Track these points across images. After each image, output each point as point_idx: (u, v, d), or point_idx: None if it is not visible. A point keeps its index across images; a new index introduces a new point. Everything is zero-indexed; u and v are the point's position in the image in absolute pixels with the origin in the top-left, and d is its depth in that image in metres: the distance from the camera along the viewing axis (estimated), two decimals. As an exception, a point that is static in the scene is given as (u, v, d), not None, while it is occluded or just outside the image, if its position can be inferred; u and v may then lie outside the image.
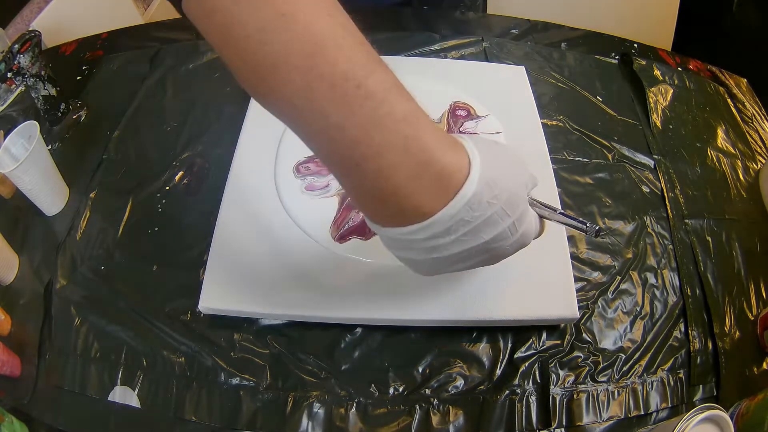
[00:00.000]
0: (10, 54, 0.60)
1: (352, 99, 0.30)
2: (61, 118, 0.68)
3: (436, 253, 0.35)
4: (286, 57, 0.30)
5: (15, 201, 0.60)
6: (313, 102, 0.30)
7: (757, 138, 0.72)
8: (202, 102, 0.69)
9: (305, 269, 0.51)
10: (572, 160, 0.64)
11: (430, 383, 0.48)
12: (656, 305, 0.54)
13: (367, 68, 0.31)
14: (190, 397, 0.47)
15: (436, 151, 0.32)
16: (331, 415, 0.47)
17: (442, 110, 0.64)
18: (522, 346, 0.50)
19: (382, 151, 0.31)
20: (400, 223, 0.34)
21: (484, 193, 0.33)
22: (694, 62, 0.81)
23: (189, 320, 0.51)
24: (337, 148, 0.31)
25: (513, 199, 0.35)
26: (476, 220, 0.34)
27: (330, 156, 0.33)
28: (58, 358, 0.50)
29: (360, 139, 0.31)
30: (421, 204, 0.33)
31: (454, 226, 0.34)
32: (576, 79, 0.73)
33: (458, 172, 0.33)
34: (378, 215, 0.35)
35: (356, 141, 0.31)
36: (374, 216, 0.36)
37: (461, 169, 0.33)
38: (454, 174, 0.33)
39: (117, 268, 0.55)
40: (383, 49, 0.73)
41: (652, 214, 0.60)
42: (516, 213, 0.36)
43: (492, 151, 0.35)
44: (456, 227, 0.34)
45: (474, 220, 0.34)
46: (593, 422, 0.47)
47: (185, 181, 0.61)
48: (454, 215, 0.33)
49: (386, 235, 0.36)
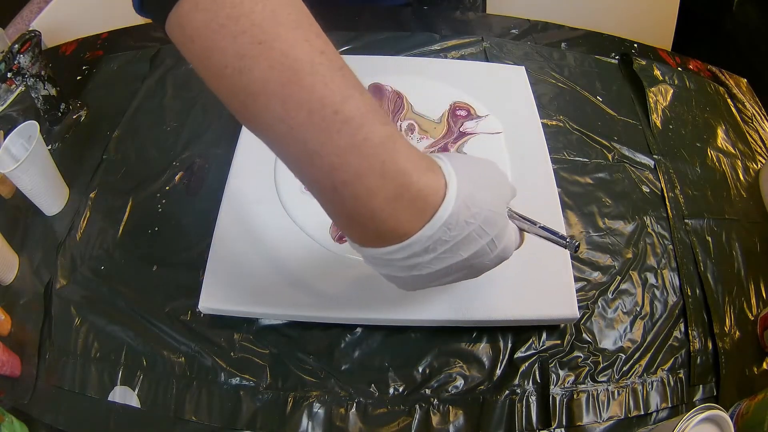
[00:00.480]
0: (10, 54, 0.60)
1: (329, 125, 0.30)
2: (61, 118, 0.68)
3: (416, 270, 0.36)
4: (264, 85, 0.30)
5: (15, 201, 0.60)
6: (293, 128, 0.31)
7: (757, 138, 0.72)
8: (202, 102, 0.69)
9: (305, 269, 0.51)
10: (572, 160, 0.64)
11: (430, 383, 0.48)
12: (656, 305, 0.54)
13: (345, 93, 0.31)
14: (190, 397, 0.47)
15: (412, 175, 0.32)
16: (331, 415, 0.47)
17: (442, 110, 0.64)
18: (522, 346, 0.50)
19: (359, 176, 0.31)
20: (379, 244, 0.34)
21: (461, 213, 0.34)
22: (694, 62, 0.81)
23: (189, 320, 0.51)
24: (316, 173, 0.32)
25: (491, 217, 0.35)
26: (454, 239, 0.34)
27: (309, 180, 0.33)
28: (58, 358, 0.50)
29: (337, 164, 0.31)
30: (398, 226, 0.33)
31: (432, 245, 0.34)
32: (576, 79, 0.73)
33: (434, 194, 0.33)
34: (357, 237, 0.36)
35: (334, 166, 0.31)
36: (353, 237, 0.36)
37: (438, 191, 0.33)
38: (431, 196, 0.33)
39: (117, 268, 0.55)
40: (383, 49, 0.74)
41: (652, 214, 0.60)
42: (494, 230, 0.36)
43: (470, 170, 0.35)
44: (434, 246, 0.34)
45: (452, 240, 0.34)
46: (593, 422, 0.47)
47: (185, 181, 0.61)
48: (432, 236, 0.33)
49: (366, 255, 0.37)
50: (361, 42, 0.76)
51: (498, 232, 0.36)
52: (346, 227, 0.35)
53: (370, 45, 0.76)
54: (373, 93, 0.66)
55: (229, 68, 0.30)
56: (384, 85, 0.66)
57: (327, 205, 0.35)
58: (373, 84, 0.66)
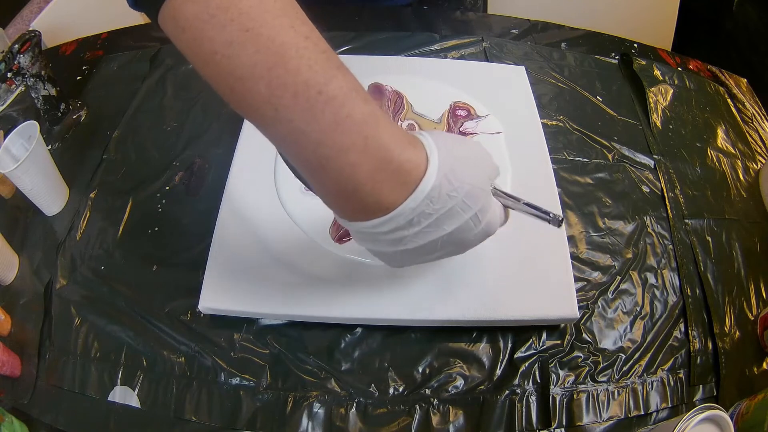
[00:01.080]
0: (10, 54, 0.60)
1: (314, 104, 0.32)
2: (61, 118, 0.68)
3: (401, 245, 0.37)
4: (252, 69, 0.32)
5: (15, 201, 0.60)
6: (278, 109, 0.32)
7: (757, 138, 0.72)
8: (202, 102, 0.69)
9: (305, 269, 0.51)
10: (572, 160, 0.64)
11: (430, 383, 0.48)
12: (656, 305, 0.54)
13: (328, 74, 0.32)
14: (190, 397, 0.47)
15: (394, 149, 0.34)
16: (331, 415, 0.47)
17: (442, 110, 0.64)
18: (522, 346, 0.50)
19: (342, 151, 0.33)
20: (364, 218, 0.36)
21: (443, 186, 0.35)
22: (694, 62, 0.81)
23: (189, 320, 0.51)
24: (302, 150, 0.33)
25: (473, 191, 0.36)
26: (437, 213, 0.35)
27: (296, 158, 0.35)
28: (58, 358, 0.50)
29: (322, 141, 0.32)
30: (381, 199, 0.34)
31: (416, 218, 0.35)
32: (576, 79, 0.73)
33: (416, 168, 0.34)
34: (344, 211, 0.37)
35: (319, 143, 0.32)
36: (340, 211, 0.37)
37: (419, 165, 0.35)
38: (413, 170, 0.34)
39: (117, 268, 0.55)
40: (383, 49, 0.74)
41: (652, 214, 0.60)
42: (477, 204, 0.37)
43: (452, 146, 0.37)
44: (418, 220, 0.35)
45: (435, 213, 0.35)
46: (593, 422, 0.47)
47: (185, 181, 0.61)
48: (415, 208, 0.35)
49: (353, 229, 0.38)
50: (361, 42, 0.76)
51: (481, 207, 0.37)
52: (332, 201, 0.37)
53: (370, 45, 0.76)
54: (373, 93, 0.66)
55: (218, 54, 0.32)
56: (384, 85, 0.66)
57: (314, 182, 0.36)
58: (373, 84, 0.66)
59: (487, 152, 0.41)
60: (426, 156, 0.35)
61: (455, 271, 0.51)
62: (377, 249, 0.39)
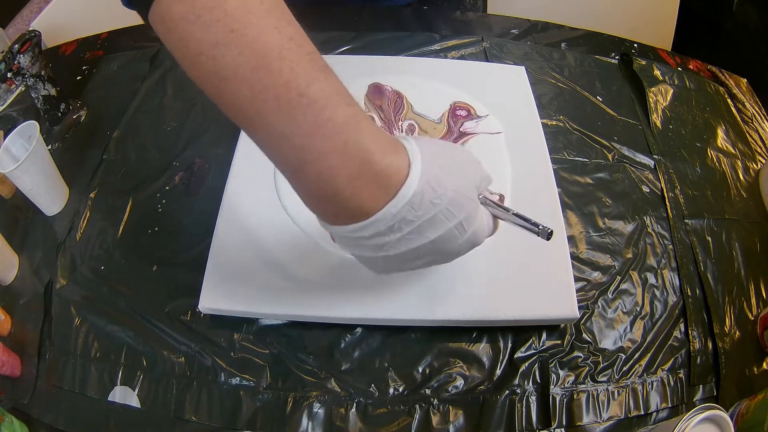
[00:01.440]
0: (10, 54, 0.60)
1: (294, 107, 0.32)
2: (61, 118, 0.68)
3: (383, 251, 0.36)
4: (235, 70, 0.32)
5: (15, 201, 0.60)
6: (261, 111, 0.32)
7: (757, 138, 0.72)
8: (201, 102, 0.69)
9: (305, 269, 0.51)
10: (572, 160, 0.64)
11: (430, 383, 0.48)
12: (656, 305, 0.54)
13: (310, 77, 0.32)
14: (190, 397, 0.47)
15: (375, 153, 0.33)
16: (331, 415, 0.47)
17: (442, 110, 0.64)
18: (522, 346, 0.50)
19: (322, 155, 0.32)
20: (345, 222, 0.35)
21: (426, 192, 0.34)
22: (694, 62, 0.81)
23: (189, 320, 0.51)
24: (283, 153, 0.33)
25: (458, 199, 0.36)
26: (419, 219, 0.35)
27: (279, 162, 0.35)
28: (58, 358, 0.50)
29: (302, 144, 0.32)
30: (362, 204, 0.34)
31: (397, 225, 0.35)
32: (576, 79, 0.73)
33: (397, 173, 0.34)
34: (324, 215, 0.36)
35: (299, 147, 0.32)
36: (321, 215, 0.37)
37: (400, 170, 0.34)
38: (394, 175, 0.34)
39: (117, 268, 0.55)
40: (383, 49, 0.74)
41: (652, 214, 0.60)
42: (462, 213, 0.36)
43: (436, 153, 0.36)
44: (399, 226, 0.35)
45: (417, 220, 0.35)
46: (593, 422, 0.47)
47: (185, 181, 0.61)
48: (396, 214, 0.34)
49: (335, 233, 0.37)
50: (361, 42, 0.76)
51: (466, 216, 0.36)
52: (313, 205, 0.36)
53: (370, 45, 0.76)
54: (373, 93, 0.66)
55: (204, 55, 0.32)
56: (384, 85, 0.66)
57: (295, 185, 0.35)
58: (373, 84, 0.66)
59: (476, 159, 0.40)
60: (408, 161, 0.34)
61: (455, 271, 0.51)
62: (360, 254, 0.39)
